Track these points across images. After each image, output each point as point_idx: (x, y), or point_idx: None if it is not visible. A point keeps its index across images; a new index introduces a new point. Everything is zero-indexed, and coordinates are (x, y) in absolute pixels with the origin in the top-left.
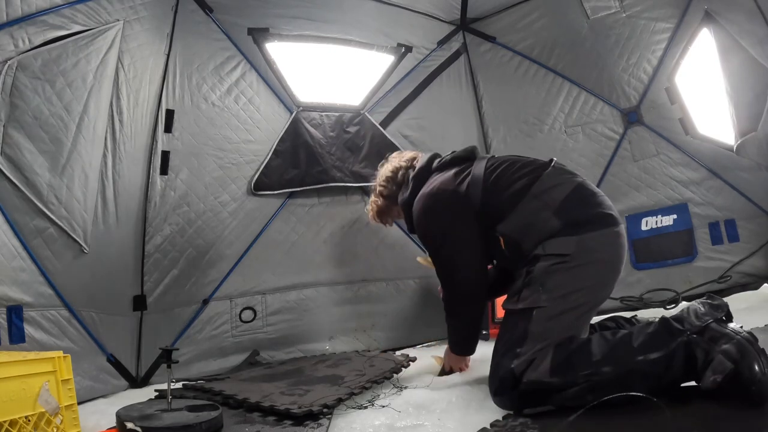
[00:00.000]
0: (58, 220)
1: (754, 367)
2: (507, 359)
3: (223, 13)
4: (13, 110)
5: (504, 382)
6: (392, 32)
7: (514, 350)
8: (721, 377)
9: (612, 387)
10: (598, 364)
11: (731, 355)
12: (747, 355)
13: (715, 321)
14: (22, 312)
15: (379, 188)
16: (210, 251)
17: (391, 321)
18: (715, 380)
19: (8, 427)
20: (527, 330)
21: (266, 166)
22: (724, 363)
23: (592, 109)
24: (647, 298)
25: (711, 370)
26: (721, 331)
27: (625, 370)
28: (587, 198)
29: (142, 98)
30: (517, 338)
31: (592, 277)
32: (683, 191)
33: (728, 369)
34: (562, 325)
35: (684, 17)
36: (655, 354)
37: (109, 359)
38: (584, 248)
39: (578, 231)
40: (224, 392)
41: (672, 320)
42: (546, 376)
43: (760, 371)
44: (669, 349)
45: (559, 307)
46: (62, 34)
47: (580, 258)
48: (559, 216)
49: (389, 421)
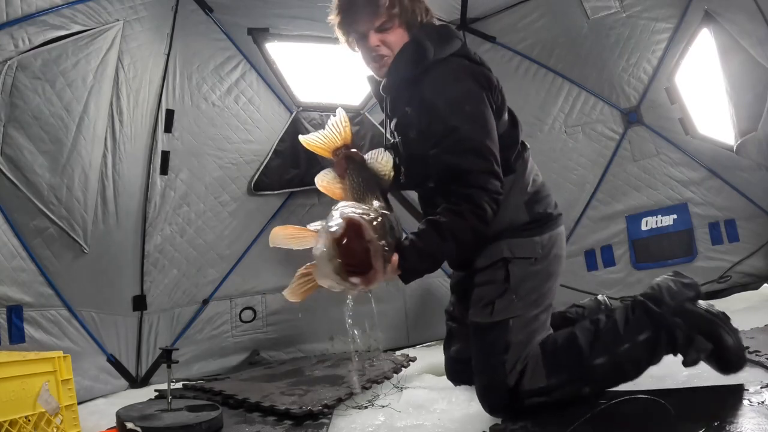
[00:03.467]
0: (58, 220)
1: (729, 342)
2: (497, 376)
3: (223, 13)
4: (13, 110)
5: (501, 399)
6: None
7: (502, 365)
8: (703, 355)
9: (606, 377)
10: (589, 358)
11: (709, 334)
12: (722, 334)
13: (689, 301)
14: (22, 312)
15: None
16: (210, 251)
17: (391, 321)
18: (698, 358)
19: (8, 427)
20: (508, 341)
21: (266, 166)
22: (704, 342)
23: (592, 109)
24: None
25: (694, 348)
26: (696, 311)
27: (617, 359)
28: (549, 196)
29: (142, 98)
30: (499, 352)
31: (554, 274)
32: (683, 191)
33: (708, 348)
34: (539, 326)
35: (684, 17)
36: (641, 338)
37: (109, 359)
38: (547, 248)
39: (542, 230)
40: (224, 392)
41: (649, 303)
42: (543, 380)
43: (735, 345)
44: (653, 333)
45: (533, 310)
46: (62, 34)
47: (545, 258)
48: (528, 209)
49: (389, 421)
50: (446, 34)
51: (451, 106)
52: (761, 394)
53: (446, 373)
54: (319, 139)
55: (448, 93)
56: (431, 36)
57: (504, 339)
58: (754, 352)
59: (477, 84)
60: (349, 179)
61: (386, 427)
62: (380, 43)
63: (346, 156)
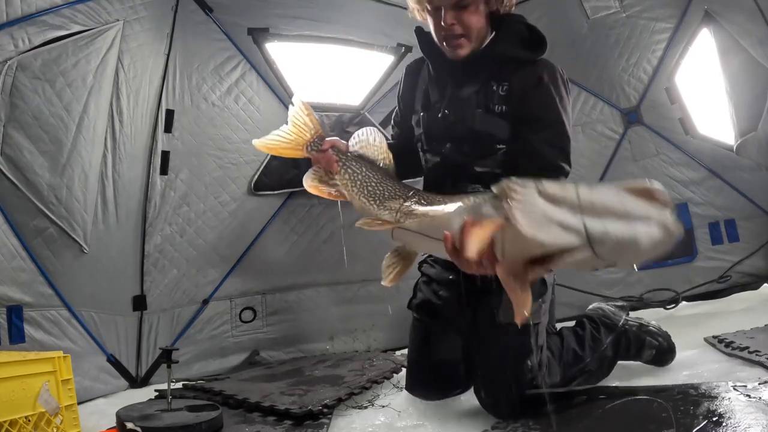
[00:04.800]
0: (58, 220)
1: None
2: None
3: (223, 13)
4: (13, 110)
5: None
6: (392, 32)
7: (528, 365)
8: (654, 351)
9: (597, 373)
10: (584, 356)
11: (653, 336)
12: (655, 336)
13: (626, 316)
14: (22, 312)
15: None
16: (210, 251)
17: (391, 321)
18: (651, 354)
19: (8, 427)
20: (533, 343)
21: (266, 166)
22: (651, 342)
23: (592, 109)
24: (647, 298)
25: (647, 347)
26: (635, 323)
27: (601, 358)
28: None
29: (142, 98)
30: (527, 353)
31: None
32: (683, 191)
33: (655, 345)
34: (550, 326)
35: (684, 17)
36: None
37: (109, 359)
38: None
39: None
40: (224, 392)
41: (601, 321)
42: (557, 377)
43: (667, 343)
44: (617, 336)
45: (549, 315)
46: (62, 34)
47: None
48: None
49: (389, 421)
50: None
51: (563, 105)
52: (759, 390)
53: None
54: (283, 137)
55: (563, 91)
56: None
57: (532, 341)
58: (754, 352)
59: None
60: (348, 172)
61: (386, 427)
62: (455, 21)
63: (332, 145)
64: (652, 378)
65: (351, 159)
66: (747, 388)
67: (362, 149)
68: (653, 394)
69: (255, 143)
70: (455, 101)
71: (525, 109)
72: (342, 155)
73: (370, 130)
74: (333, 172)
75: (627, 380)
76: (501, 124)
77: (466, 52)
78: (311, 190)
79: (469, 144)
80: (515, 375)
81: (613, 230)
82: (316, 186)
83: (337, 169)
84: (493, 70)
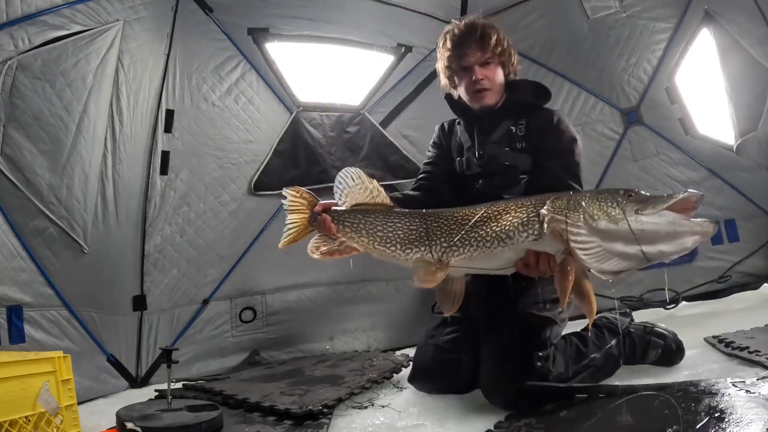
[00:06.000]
0: (58, 220)
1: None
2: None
3: (223, 13)
4: (13, 110)
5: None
6: (392, 32)
7: (538, 353)
8: (660, 350)
9: (603, 369)
10: (588, 353)
11: (659, 337)
12: (661, 336)
13: (630, 321)
14: (22, 312)
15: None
16: (210, 251)
17: (391, 321)
18: (656, 354)
19: (8, 427)
20: (547, 337)
21: (266, 166)
22: (657, 342)
23: (592, 109)
24: (647, 298)
25: (652, 348)
26: (639, 326)
27: (606, 355)
28: None
29: (142, 98)
30: (539, 345)
31: None
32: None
33: (661, 345)
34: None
35: (684, 17)
36: (614, 342)
37: (109, 359)
38: None
39: None
40: (224, 392)
41: (606, 326)
42: (561, 367)
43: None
44: (621, 338)
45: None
46: (62, 34)
47: None
48: None
49: (389, 421)
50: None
51: (573, 137)
52: (758, 386)
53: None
54: (292, 227)
55: (570, 129)
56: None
57: (543, 335)
58: (754, 352)
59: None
60: (347, 225)
61: (386, 427)
62: (483, 76)
63: (323, 209)
64: (653, 377)
65: (344, 212)
66: (746, 384)
67: (348, 196)
68: (657, 391)
69: (280, 246)
70: (485, 144)
71: (542, 144)
72: (334, 213)
73: (344, 173)
74: (335, 234)
75: (628, 379)
76: (524, 158)
77: (492, 101)
78: (320, 258)
79: (500, 177)
80: (523, 361)
81: (666, 248)
82: (322, 254)
83: (336, 228)
84: (511, 116)
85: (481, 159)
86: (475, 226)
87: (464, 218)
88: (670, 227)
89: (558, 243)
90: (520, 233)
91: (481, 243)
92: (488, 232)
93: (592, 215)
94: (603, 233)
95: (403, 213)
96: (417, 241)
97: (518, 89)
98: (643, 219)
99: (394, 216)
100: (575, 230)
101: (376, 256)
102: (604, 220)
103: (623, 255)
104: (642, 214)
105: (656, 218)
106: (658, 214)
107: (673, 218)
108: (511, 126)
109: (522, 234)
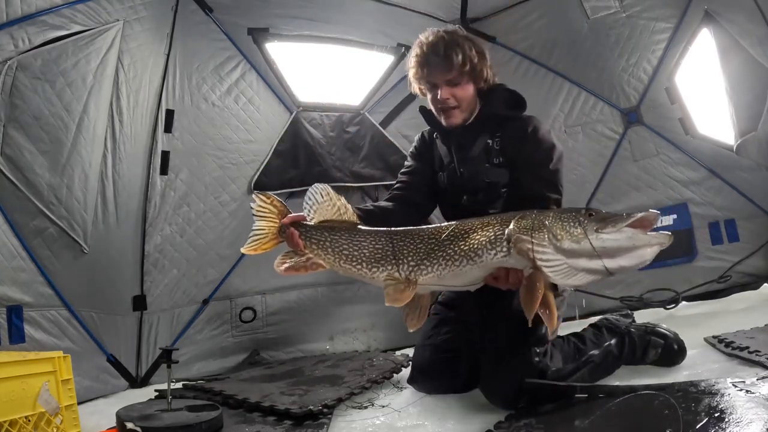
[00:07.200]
0: (58, 220)
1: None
2: (529, 358)
3: (223, 13)
4: (13, 110)
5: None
6: (392, 32)
7: (535, 351)
8: (660, 350)
9: (601, 366)
10: (586, 350)
11: (659, 336)
12: (662, 336)
13: (631, 321)
14: (22, 312)
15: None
16: (210, 251)
17: (391, 321)
18: (656, 353)
19: (8, 427)
20: (543, 333)
21: (266, 166)
22: (657, 342)
23: (592, 109)
24: (647, 298)
25: (652, 347)
26: (640, 326)
27: (605, 352)
28: None
29: (142, 98)
30: (535, 342)
31: None
32: (683, 191)
33: (661, 345)
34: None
35: (684, 17)
36: (613, 341)
37: (109, 359)
38: None
39: None
40: (224, 392)
41: (606, 327)
42: (559, 363)
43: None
44: (620, 337)
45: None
46: (62, 34)
47: None
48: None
49: (389, 421)
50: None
51: (550, 144)
52: (758, 386)
53: (421, 366)
54: (258, 234)
55: (546, 136)
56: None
57: (541, 329)
58: (754, 352)
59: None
60: (313, 241)
61: (386, 427)
62: (450, 95)
63: (291, 221)
64: (653, 377)
65: (311, 228)
66: (746, 384)
67: (317, 212)
68: (657, 391)
69: (243, 251)
70: (464, 161)
71: (518, 155)
72: (302, 228)
73: (314, 189)
74: (302, 250)
75: (627, 379)
76: (502, 172)
77: (458, 121)
78: (286, 273)
79: (482, 193)
80: (524, 351)
81: (626, 262)
82: (291, 266)
83: (303, 244)
84: (486, 130)
85: (462, 177)
86: (443, 245)
87: (431, 237)
88: (629, 242)
89: (525, 260)
90: (488, 251)
91: (450, 262)
92: (456, 251)
93: (556, 235)
94: (567, 252)
95: (369, 231)
96: (383, 259)
97: (492, 100)
98: (603, 237)
99: (359, 234)
100: (541, 249)
101: (342, 273)
102: (567, 240)
103: (588, 270)
104: (602, 232)
105: (616, 235)
106: (618, 231)
107: (631, 233)
108: (488, 140)
109: (491, 252)
